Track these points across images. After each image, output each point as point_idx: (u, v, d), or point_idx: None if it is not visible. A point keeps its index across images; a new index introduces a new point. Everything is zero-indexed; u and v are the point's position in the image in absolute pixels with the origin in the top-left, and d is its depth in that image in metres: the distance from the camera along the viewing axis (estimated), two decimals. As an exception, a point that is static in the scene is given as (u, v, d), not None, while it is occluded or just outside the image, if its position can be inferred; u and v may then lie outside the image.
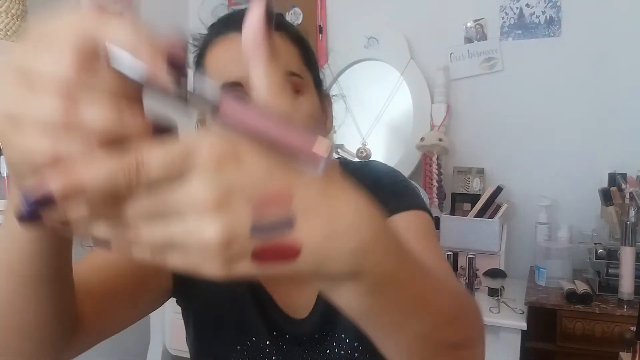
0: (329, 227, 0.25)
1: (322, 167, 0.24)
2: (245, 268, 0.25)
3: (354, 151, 2.12)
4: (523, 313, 1.58)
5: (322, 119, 0.64)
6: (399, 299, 0.31)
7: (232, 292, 0.66)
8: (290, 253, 0.25)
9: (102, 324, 0.53)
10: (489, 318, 1.56)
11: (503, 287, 1.70)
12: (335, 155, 1.85)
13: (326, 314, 0.63)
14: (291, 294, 0.66)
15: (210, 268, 0.24)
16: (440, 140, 1.93)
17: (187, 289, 0.66)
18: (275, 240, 0.24)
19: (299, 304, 0.65)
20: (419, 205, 0.63)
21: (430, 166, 1.95)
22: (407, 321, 0.33)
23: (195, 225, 0.23)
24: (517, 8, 1.98)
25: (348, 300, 0.30)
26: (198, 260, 0.24)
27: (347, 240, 0.26)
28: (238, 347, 0.65)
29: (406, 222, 0.60)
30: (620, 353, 1.41)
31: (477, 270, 1.74)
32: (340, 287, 0.29)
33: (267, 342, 0.65)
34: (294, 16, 2.25)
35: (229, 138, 0.24)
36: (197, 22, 2.31)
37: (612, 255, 1.61)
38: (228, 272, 0.24)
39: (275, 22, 0.27)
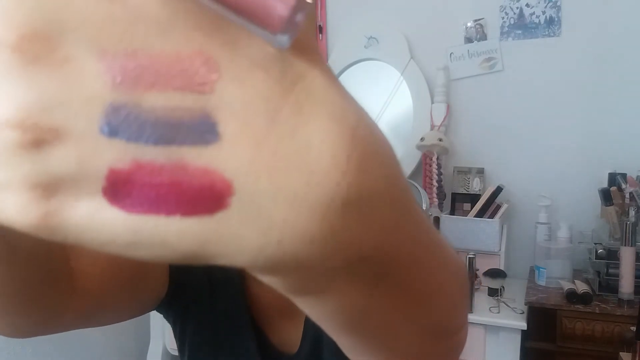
0: (291, 154, 0.13)
1: (287, 37, 0.13)
2: (93, 213, 0.13)
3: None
4: (523, 313, 1.58)
5: None
6: (412, 281, 0.22)
7: (230, 319, 0.63)
8: (204, 197, 0.13)
9: (101, 293, 0.48)
10: (488, 318, 1.56)
11: (503, 287, 1.71)
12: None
13: (315, 346, 0.62)
14: (282, 327, 0.64)
15: (16, 203, 0.12)
16: (440, 140, 1.93)
17: (181, 305, 0.63)
18: (170, 160, 0.13)
19: (289, 338, 0.64)
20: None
21: (430, 166, 1.95)
22: (414, 313, 0.24)
23: None
24: (517, 8, 1.98)
25: (337, 304, 0.20)
26: None
27: (327, 188, 0.14)
28: None
29: None
30: (620, 353, 1.42)
31: (477, 270, 1.74)
32: (324, 284, 0.18)
33: None
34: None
35: None
36: None
37: (612, 255, 1.61)
38: (40, 212, 0.13)
39: None
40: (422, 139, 1.96)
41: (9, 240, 0.31)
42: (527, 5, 1.96)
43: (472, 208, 1.87)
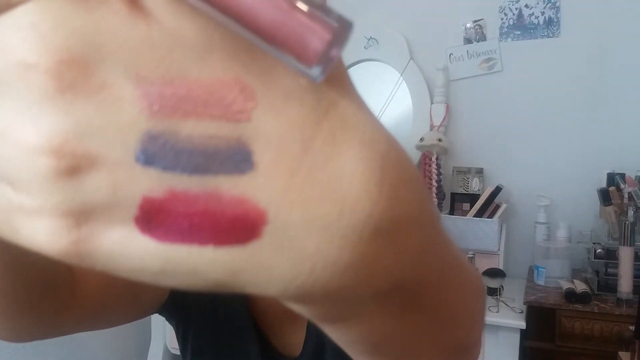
0: (324, 183, 0.13)
1: (320, 70, 0.13)
2: (125, 242, 0.13)
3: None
4: (522, 312, 1.59)
5: None
6: (439, 302, 0.22)
7: (232, 322, 0.63)
8: (239, 223, 0.13)
9: (102, 298, 0.48)
10: (488, 317, 1.56)
11: (502, 287, 1.71)
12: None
13: (317, 350, 0.62)
14: (284, 331, 0.64)
15: (47, 233, 0.12)
16: (440, 140, 1.94)
17: (183, 308, 0.63)
18: (206, 192, 0.12)
19: (291, 342, 0.63)
20: None
21: (430, 166, 1.96)
22: (439, 333, 0.24)
23: (8, 114, 0.12)
24: (516, 9, 1.99)
25: (365, 329, 0.19)
26: (17, 219, 0.13)
27: (360, 216, 0.14)
28: None
29: None
30: (619, 352, 1.42)
31: (477, 269, 1.74)
32: (355, 311, 0.18)
33: None
34: None
35: None
36: None
37: (610, 255, 1.61)
38: (71, 239, 0.12)
39: None
40: (421, 139, 1.97)
41: (11, 247, 0.32)
42: (526, 6, 1.97)
43: (471, 208, 1.88)
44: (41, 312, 0.40)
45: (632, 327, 1.46)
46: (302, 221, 0.13)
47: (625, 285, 1.55)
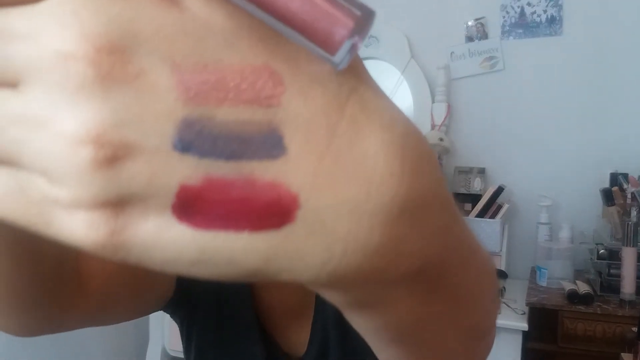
0: (350, 166, 0.13)
1: (343, 58, 0.13)
2: (161, 230, 0.12)
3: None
4: (524, 314, 1.58)
5: None
6: (460, 283, 0.22)
7: (237, 321, 0.63)
8: (273, 209, 0.13)
9: (108, 293, 0.48)
10: (489, 319, 1.55)
11: (504, 288, 1.70)
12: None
13: (322, 348, 0.61)
14: (289, 329, 0.63)
15: (84, 226, 0.12)
16: (441, 140, 1.93)
17: (188, 306, 0.63)
18: (240, 178, 0.12)
19: (296, 341, 0.63)
20: None
21: (431, 166, 1.95)
22: (461, 316, 0.24)
23: (44, 105, 0.11)
24: (518, 7, 1.97)
25: (393, 315, 0.19)
26: (53, 213, 0.12)
27: (386, 196, 0.14)
28: None
29: None
30: (622, 354, 1.41)
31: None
32: (384, 295, 0.18)
33: None
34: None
35: None
36: None
37: (613, 256, 1.61)
38: (107, 230, 0.12)
39: None
40: (422, 139, 1.96)
41: (19, 239, 0.31)
42: (529, 4, 1.95)
43: (473, 208, 1.87)
44: (48, 306, 0.40)
45: (635, 329, 1.45)
46: (331, 204, 0.13)
47: (628, 286, 1.54)
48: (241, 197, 0.12)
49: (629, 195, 1.64)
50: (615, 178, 1.75)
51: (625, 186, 1.67)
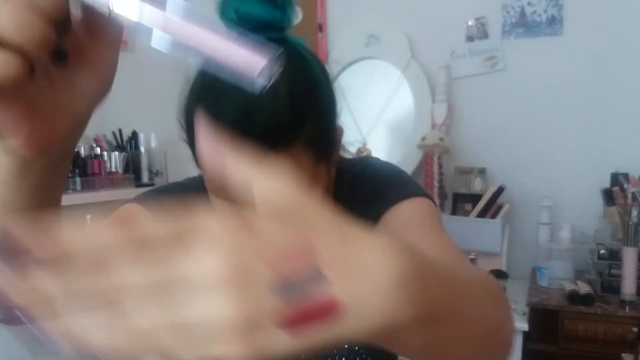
0: (360, 270, 0.23)
1: (262, 78, 0.23)
2: (277, 341, 0.22)
3: (354, 151, 2.11)
4: (525, 314, 1.57)
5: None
6: (459, 315, 0.30)
7: None
8: (329, 309, 0.22)
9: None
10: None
11: (505, 288, 1.69)
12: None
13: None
14: None
15: (234, 350, 0.21)
16: (442, 139, 1.92)
17: None
18: (308, 299, 0.22)
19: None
20: (418, 192, 0.61)
21: (432, 166, 1.94)
22: (466, 332, 0.32)
23: (209, 303, 0.20)
24: (518, 6, 1.97)
25: (413, 344, 0.28)
26: (215, 345, 0.21)
27: (388, 278, 0.23)
28: None
29: (406, 211, 0.58)
30: (623, 354, 1.41)
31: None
32: (403, 335, 0.26)
33: None
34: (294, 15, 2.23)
35: (236, 211, 0.22)
36: None
37: (614, 256, 1.60)
38: (256, 350, 0.21)
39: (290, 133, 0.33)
40: (423, 139, 1.95)
41: (18, 170, 0.36)
42: (529, 3, 1.95)
43: (473, 208, 1.86)
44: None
45: (635, 329, 1.45)
46: (364, 297, 0.23)
47: (629, 286, 1.53)
48: (317, 310, 0.22)
49: (630, 196, 1.63)
50: (615, 178, 1.74)
51: (626, 186, 1.67)
